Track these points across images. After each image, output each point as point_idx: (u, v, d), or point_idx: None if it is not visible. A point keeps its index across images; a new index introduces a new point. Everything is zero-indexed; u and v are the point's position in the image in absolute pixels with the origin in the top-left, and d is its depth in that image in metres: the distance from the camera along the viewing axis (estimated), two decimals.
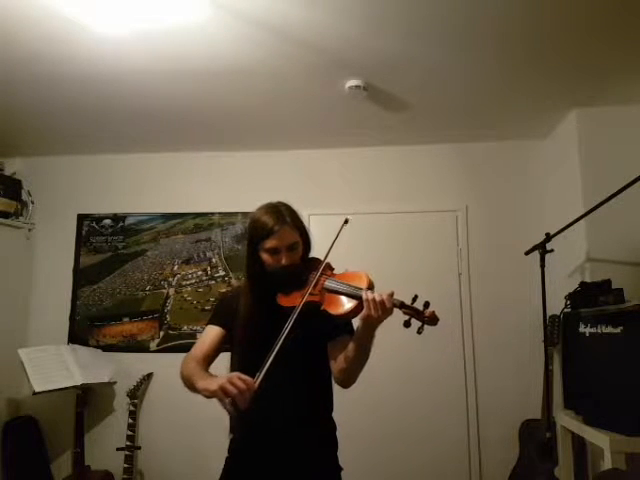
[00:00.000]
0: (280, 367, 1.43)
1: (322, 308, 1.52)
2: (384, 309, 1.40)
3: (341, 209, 3.44)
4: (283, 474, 1.56)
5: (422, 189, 3.48)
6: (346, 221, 1.64)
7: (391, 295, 1.42)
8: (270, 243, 1.57)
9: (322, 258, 1.68)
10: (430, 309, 1.41)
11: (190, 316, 3.45)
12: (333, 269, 1.64)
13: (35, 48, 2.28)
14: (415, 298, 1.44)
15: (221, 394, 1.34)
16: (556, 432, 2.68)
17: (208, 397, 1.40)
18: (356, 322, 1.57)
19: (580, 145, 2.90)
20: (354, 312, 1.49)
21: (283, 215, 1.60)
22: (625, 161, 2.75)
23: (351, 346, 1.52)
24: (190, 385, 1.53)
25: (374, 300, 1.40)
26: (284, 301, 1.58)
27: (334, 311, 1.51)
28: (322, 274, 1.57)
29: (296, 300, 1.53)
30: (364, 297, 1.42)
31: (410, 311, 1.42)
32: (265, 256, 1.60)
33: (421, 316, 1.41)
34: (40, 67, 2.45)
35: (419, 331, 1.40)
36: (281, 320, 1.48)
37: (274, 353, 1.41)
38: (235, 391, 1.32)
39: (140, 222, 3.60)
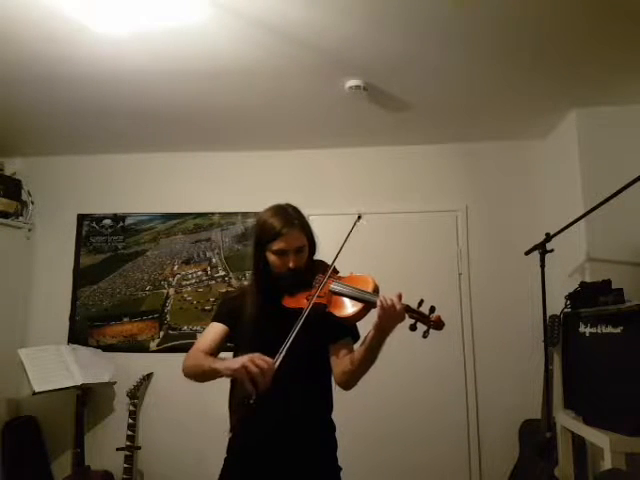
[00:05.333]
0: (282, 367, 1.43)
1: (328, 310, 1.53)
2: (398, 314, 1.40)
3: (341, 209, 3.44)
4: (282, 474, 1.56)
5: (422, 189, 3.48)
6: (359, 217, 1.65)
7: (400, 297, 1.43)
8: (278, 245, 1.58)
9: (323, 259, 1.68)
10: (436, 314, 1.42)
11: (190, 316, 3.44)
12: (338, 272, 1.65)
13: (35, 48, 2.28)
14: (421, 302, 1.44)
15: (244, 372, 1.36)
16: (556, 432, 2.68)
17: (229, 376, 1.44)
18: (362, 326, 1.57)
19: (580, 145, 2.90)
20: (360, 315, 1.49)
21: (291, 217, 1.60)
22: (625, 161, 2.75)
23: (360, 351, 1.53)
24: (201, 371, 1.55)
25: (389, 305, 1.41)
26: (289, 302, 1.59)
27: (339, 313, 1.52)
28: (329, 277, 1.58)
29: (301, 302, 1.54)
30: (379, 303, 1.42)
31: (416, 315, 1.43)
32: (272, 257, 1.60)
33: (427, 320, 1.41)
34: (40, 67, 2.45)
35: (424, 335, 1.40)
36: (285, 321, 1.49)
37: (288, 343, 1.43)
38: (257, 370, 1.34)
39: (140, 222, 3.60)
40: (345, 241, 1.62)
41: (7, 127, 3.20)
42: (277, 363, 1.39)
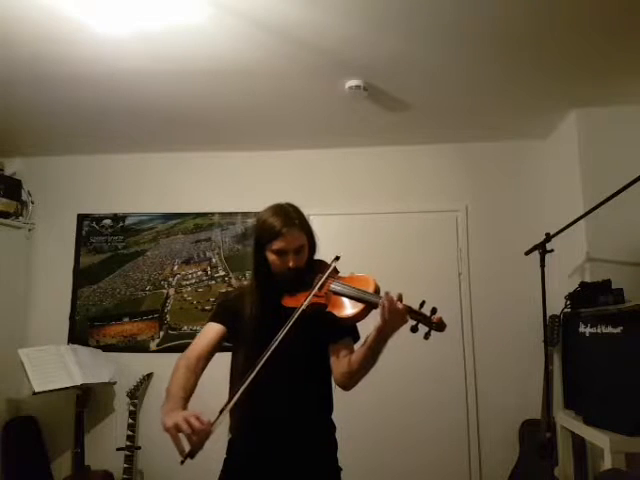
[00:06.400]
0: (281, 367, 1.42)
1: (328, 310, 1.52)
2: (401, 316, 1.39)
3: (341, 209, 3.45)
4: (282, 475, 1.56)
5: (422, 189, 3.48)
6: (337, 258, 1.62)
7: (400, 299, 1.42)
8: (278, 245, 1.57)
9: (323, 259, 1.68)
10: (437, 315, 1.41)
11: (190, 316, 3.44)
12: (338, 272, 1.64)
13: (35, 48, 2.28)
14: (423, 304, 1.43)
15: (174, 432, 1.30)
16: (556, 432, 2.68)
17: (163, 430, 1.35)
18: (362, 327, 1.57)
19: (580, 145, 2.90)
20: (360, 315, 1.49)
21: (291, 217, 1.60)
22: (625, 161, 2.75)
23: (360, 352, 1.52)
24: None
25: (391, 307, 1.39)
26: (289, 302, 1.59)
27: (339, 314, 1.51)
28: (328, 277, 1.57)
29: (301, 301, 1.53)
30: (381, 306, 1.41)
31: (418, 316, 1.42)
32: (272, 257, 1.60)
33: (429, 322, 1.40)
34: (40, 67, 2.45)
35: (426, 337, 1.40)
36: (285, 320, 1.48)
37: (254, 372, 1.39)
38: (189, 430, 1.28)
39: (140, 222, 3.60)
40: (326, 277, 1.60)
41: (7, 127, 3.20)
42: (215, 425, 1.32)
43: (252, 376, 1.40)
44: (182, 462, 1.30)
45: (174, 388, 1.52)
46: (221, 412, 1.36)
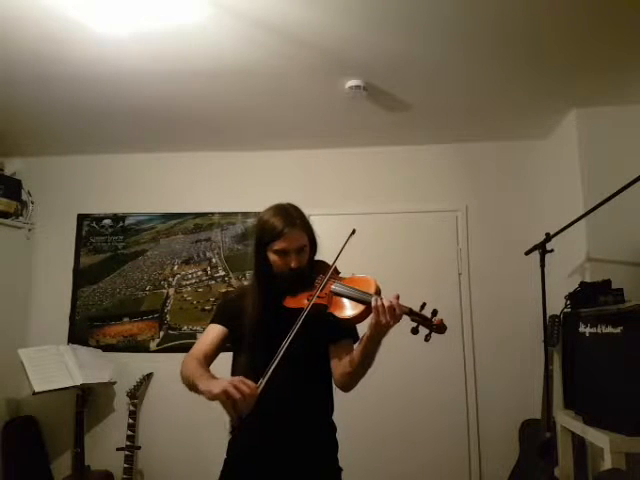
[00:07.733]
0: (283, 368, 1.42)
1: (328, 311, 1.52)
2: (393, 315, 1.39)
3: (341, 209, 3.44)
4: (283, 475, 1.56)
5: (422, 189, 3.48)
6: (353, 232, 1.62)
7: (397, 299, 1.42)
8: (279, 245, 1.57)
9: (325, 260, 1.68)
10: (438, 317, 1.41)
11: (190, 316, 3.44)
12: (339, 273, 1.64)
13: (35, 48, 2.28)
14: (423, 305, 1.43)
15: (224, 397, 1.31)
16: (556, 432, 2.68)
17: (210, 399, 1.37)
18: (361, 327, 1.57)
19: (580, 145, 2.90)
20: (361, 316, 1.49)
21: (293, 217, 1.60)
22: (625, 161, 2.75)
23: (357, 352, 1.53)
24: (191, 385, 1.50)
25: (383, 306, 1.39)
26: (291, 302, 1.59)
27: (340, 314, 1.51)
28: (330, 277, 1.57)
29: (302, 302, 1.53)
30: (373, 304, 1.41)
31: (418, 318, 1.42)
32: (273, 257, 1.60)
33: (429, 324, 1.41)
34: (40, 67, 2.45)
35: (427, 338, 1.40)
36: (287, 321, 1.48)
37: (279, 357, 1.40)
38: (238, 395, 1.29)
39: (140, 222, 3.60)
40: (340, 253, 1.61)
41: (7, 127, 3.20)
42: (261, 387, 1.34)
43: (281, 352, 1.41)
44: (233, 427, 1.35)
45: (198, 370, 1.51)
46: (263, 377, 1.37)
